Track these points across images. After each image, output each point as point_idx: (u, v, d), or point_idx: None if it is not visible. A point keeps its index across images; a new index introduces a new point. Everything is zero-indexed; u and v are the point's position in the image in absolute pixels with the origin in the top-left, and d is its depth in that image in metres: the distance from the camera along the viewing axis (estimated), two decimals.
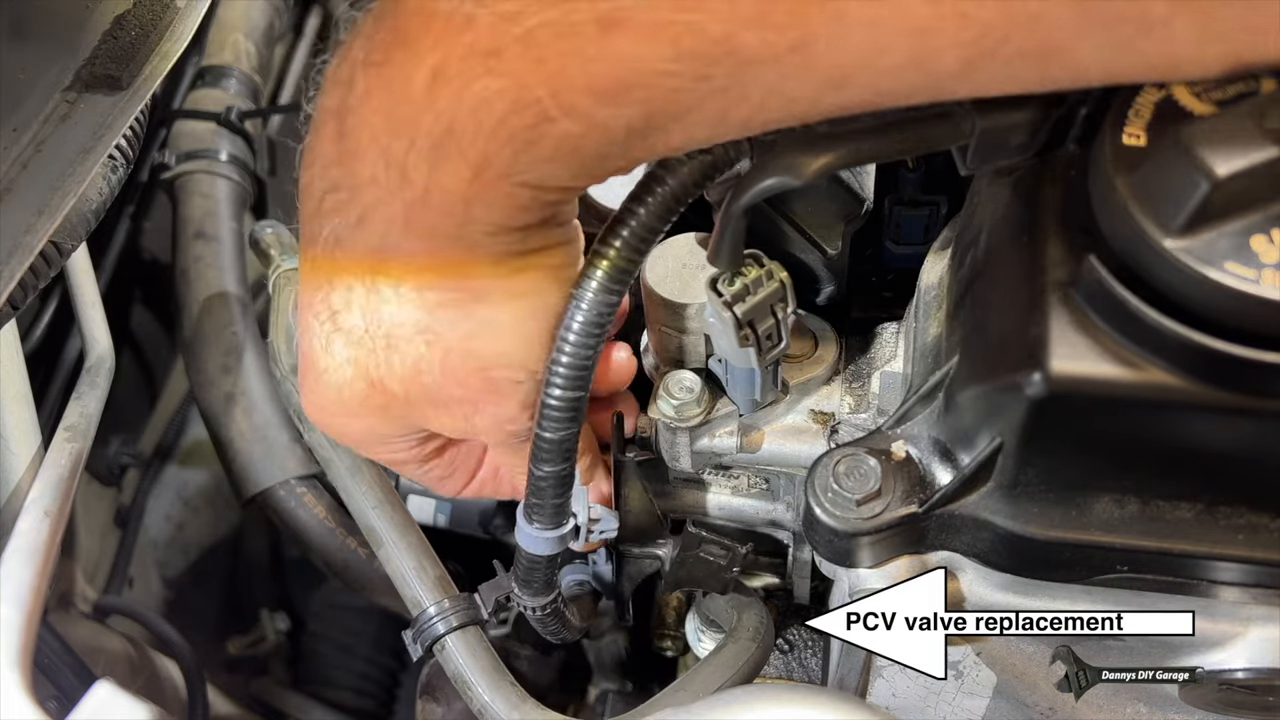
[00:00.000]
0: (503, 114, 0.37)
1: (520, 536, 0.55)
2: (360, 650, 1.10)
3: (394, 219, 0.42)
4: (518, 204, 0.41)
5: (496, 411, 0.49)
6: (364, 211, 0.42)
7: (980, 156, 0.43)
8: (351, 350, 0.47)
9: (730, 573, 0.61)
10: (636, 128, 0.38)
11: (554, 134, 0.38)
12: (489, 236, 0.42)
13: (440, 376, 0.47)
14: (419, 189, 0.40)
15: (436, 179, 0.40)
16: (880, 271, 0.68)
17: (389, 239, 0.43)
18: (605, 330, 0.45)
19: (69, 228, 0.63)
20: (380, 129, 0.40)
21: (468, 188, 0.40)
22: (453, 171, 0.39)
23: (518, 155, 0.39)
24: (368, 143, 0.41)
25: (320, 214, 0.44)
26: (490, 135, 0.38)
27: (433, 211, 0.41)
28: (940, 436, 0.50)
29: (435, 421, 0.50)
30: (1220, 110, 0.39)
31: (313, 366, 0.49)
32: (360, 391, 0.48)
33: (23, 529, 0.60)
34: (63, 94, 0.62)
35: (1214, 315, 0.38)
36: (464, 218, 0.41)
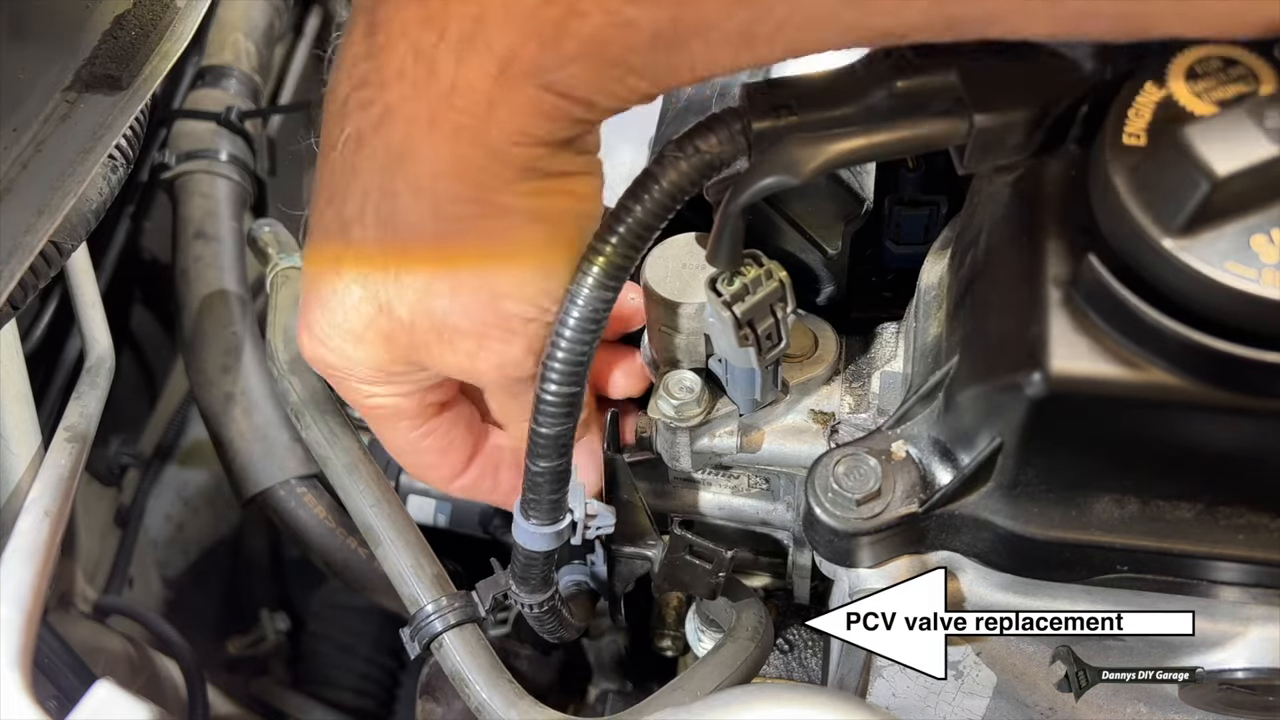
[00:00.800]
0: (533, 6, 0.37)
1: (517, 532, 0.55)
2: (360, 650, 1.10)
3: (418, 116, 0.41)
4: (540, 108, 0.40)
5: (502, 350, 0.47)
6: (388, 108, 0.41)
7: (978, 155, 0.43)
8: (362, 266, 0.46)
9: (717, 578, 0.61)
10: (663, 33, 0.38)
11: (581, 30, 0.37)
12: (511, 144, 0.41)
13: (450, 304, 0.45)
14: (445, 83, 0.40)
15: (463, 73, 0.39)
16: (880, 271, 0.68)
17: (412, 138, 0.42)
18: (601, 326, 0.45)
19: (69, 228, 0.63)
20: (411, 20, 0.40)
21: (493, 84, 0.39)
22: (479, 66, 0.39)
23: (544, 51, 0.38)
24: (398, 35, 0.40)
25: (344, 113, 0.43)
26: (519, 27, 0.38)
27: (457, 110, 0.40)
28: (940, 436, 0.50)
29: (439, 357, 0.48)
30: (1220, 110, 0.39)
31: (318, 294, 0.48)
32: (367, 315, 0.47)
33: (23, 529, 0.60)
34: (63, 94, 0.62)
35: (1214, 315, 0.38)
36: (487, 118, 0.40)
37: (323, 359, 0.50)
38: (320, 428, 0.66)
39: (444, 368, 0.50)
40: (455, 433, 0.57)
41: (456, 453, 0.58)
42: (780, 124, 0.42)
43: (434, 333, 0.47)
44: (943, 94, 0.42)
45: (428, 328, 0.47)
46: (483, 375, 0.49)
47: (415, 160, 0.42)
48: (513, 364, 0.48)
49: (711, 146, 0.42)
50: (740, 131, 0.43)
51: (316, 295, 0.48)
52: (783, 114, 0.43)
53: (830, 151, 0.41)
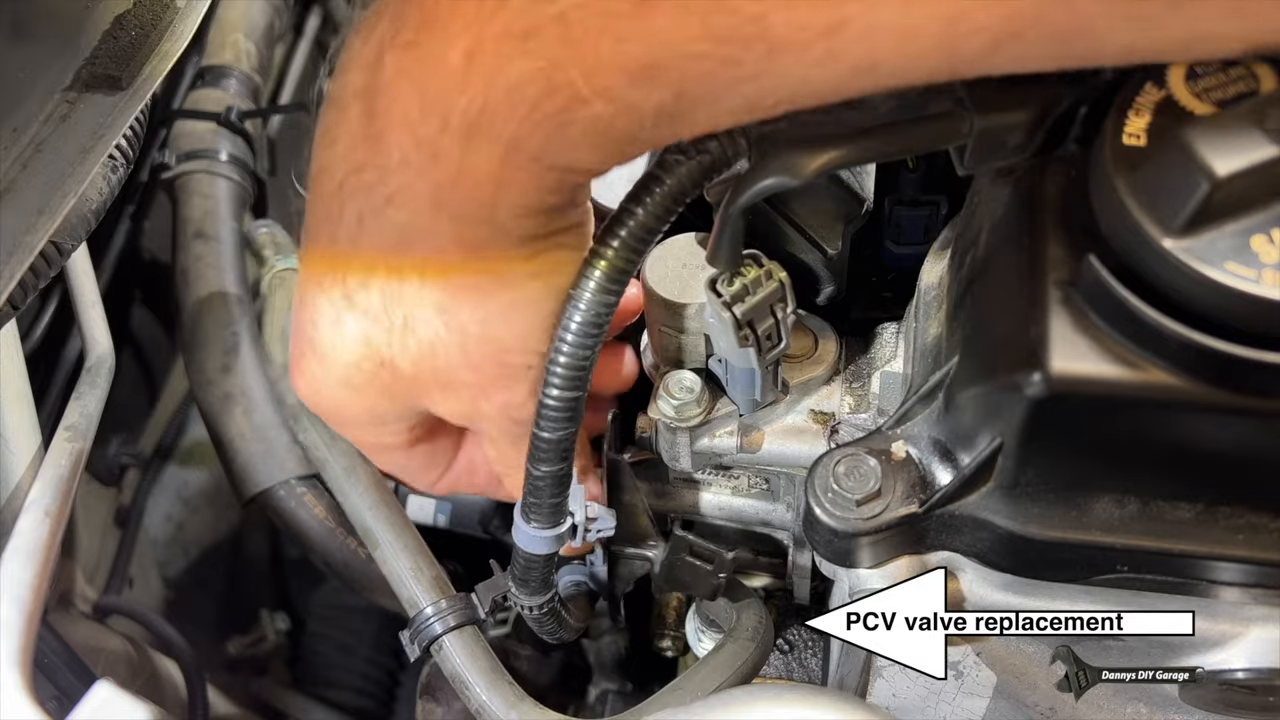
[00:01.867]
0: (536, 97, 0.37)
1: (517, 535, 0.55)
2: (360, 650, 1.10)
3: (423, 200, 0.41)
4: (545, 186, 0.41)
5: (505, 398, 0.48)
6: (392, 193, 0.42)
7: (978, 156, 0.43)
8: (364, 329, 0.46)
9: (717, 578, 0.61)
10: (666, 110, 0.38)
11: (586, 116, 0.38)
12: (515, 219, 0.42)
13: (455, 359, 0.46)
14: (450, 170, 0.40)
15: (468, 160, 0.40)
16: (880, 271, 0.68)
17: (417, 220, 0.42)
18: (603, 330, 0.45)
19: (69, 228, 0.63)
20: (412, 109, 0.40)
21: (499, 169, 0.40)
22: (485, 153, 0.39)
23: (550, 138, 0.39)
24: (398, 122, 0.40)
25: (342, 194, 0.44)
26: (524, 118, 0.38)
27: (462, 193, 0.41)
28: (940, 436, 0.50)
29: (440, 405, 0.50)
30: (1220, 110, 0.39)
31: (314, 346, 0.48)
32: (368, 371, 0.48)
33: (23, 529, 0.60)
34: (63, 94, 0.62)
35: (1214, 315, 0.38)
36: (493, 200, 0.41)
37: (317, 405, 0.51)
38: (318, 430, 0.66)
39: (444, 413, 0.51)
40: (437, 449, 0.58)
41: (437, 466, 0.59)
42: (781, 125, 0.42)
43: (437, 384, 0.48)
44: (943, 95, 0.42)
45: (430, 380, 0.48)
46: (485, 418, 0.50)
47: (420, 241, 0.43)
48: (515, 406, 0.49)
49: (712, 149, 0.42)
50: (741, 133, 0.43)
51: (311, 345, 0.49)
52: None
53: (831, 153, 0.41)
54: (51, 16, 0.64)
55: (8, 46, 0.61)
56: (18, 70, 0.61)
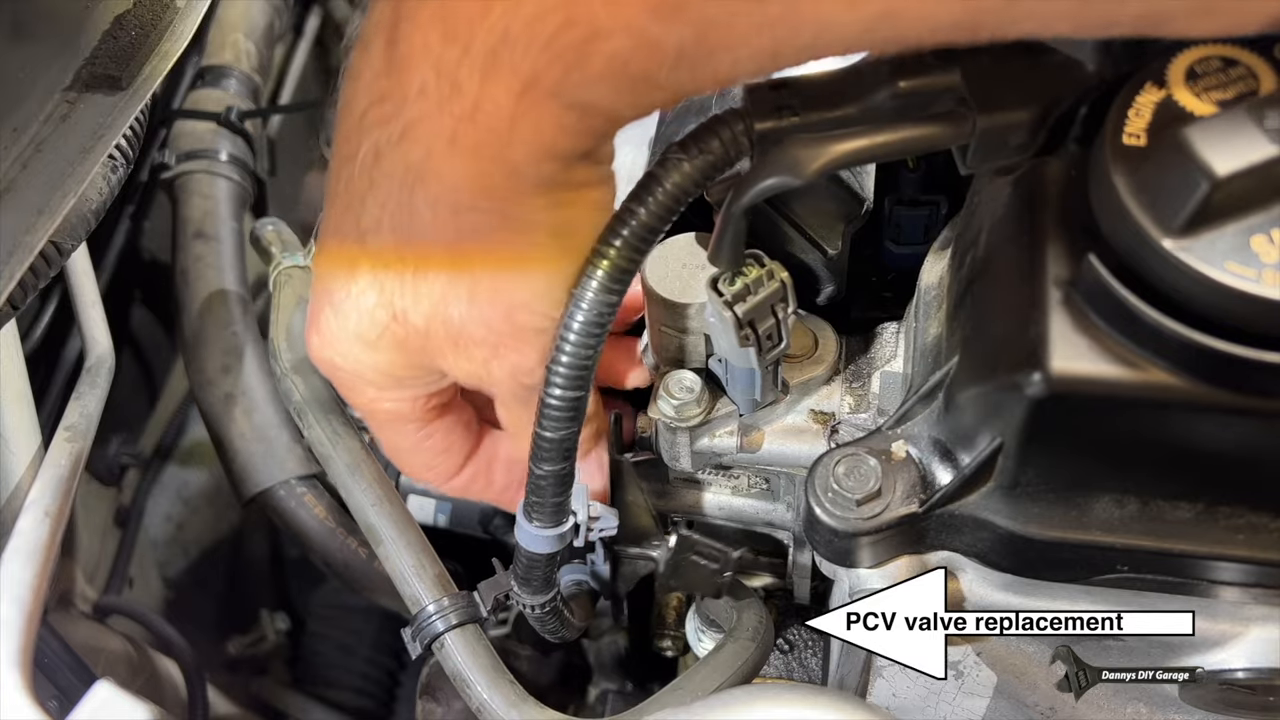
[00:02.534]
0: (557, 28, 0.37)
1: (519, 535, 0.55)
2: (360, 650, 1.10)
3: (440, 133, 0.41)
4: (563, 126, 0.40)
5: (516, 360, 0.48)
6: (409, 124, 0.41)
7: (980, 156, 0.43)
8: (378, 276, 0.46)
9: (722, 577, 0.61)
10: (687, 51, 0.38)
11: (605, 50, 0.37)
12: (532, 161, 0.41)
13: (466, 313, 0.46)
14: (469, 101, 0.40)
15: (487, 90, 0.39)
16: (880, 271, 0.68)
17: (433, 154, 0.42)
18: (606, 330, 0.45)
19: (69, 228, 0.63)
20: (434, 37, 0.40)
21: (516, 103, 0.39)
22: (503, 84, 0.39)
23: (568, 72, 0.38)
24: (419, 51, 0.40)
25: (361, 128, 0.43)
26: (543, 49, 0.38)
27: (479, 127, 0.40)
28: (940, 436, 0.50)
29: (451, 364, 0.49)
30: (1220, 110, 0.39)
31: (330, 297, 0.48)
32: (380, 321, 0.47)
33: (23, 529, 0.60)
34: (63, 94, 0.62)
35: (1214, 315, 0.38)
36: (509, 135, 0.40)
37: (330, 361, 0.50)
38: (323, 427, 0.66)
39: (456, 374, 0.50)
40: (454, 434, 0.57)
41: (454, 454, 0.58)
42: (783, 125, 0.42)
43: (449, 340, 0.47)
44: (945, 94, 0.42)
45: (442, 335, 0.47)
46: (496, 382, 0.50)
47: (435, 176, 0.42)
48: (526, 371, 0.48)
49: (714, 148, 0.42)
50: (743, 132, 0.43)
51: (328, 298, 0.48)
52: (785, 115, 0.43)
53: (833, 152, 0.41)
54: (51, 16, 0.64)
55: (8, 46, 0.61)
56: (18, 70, 0.61)
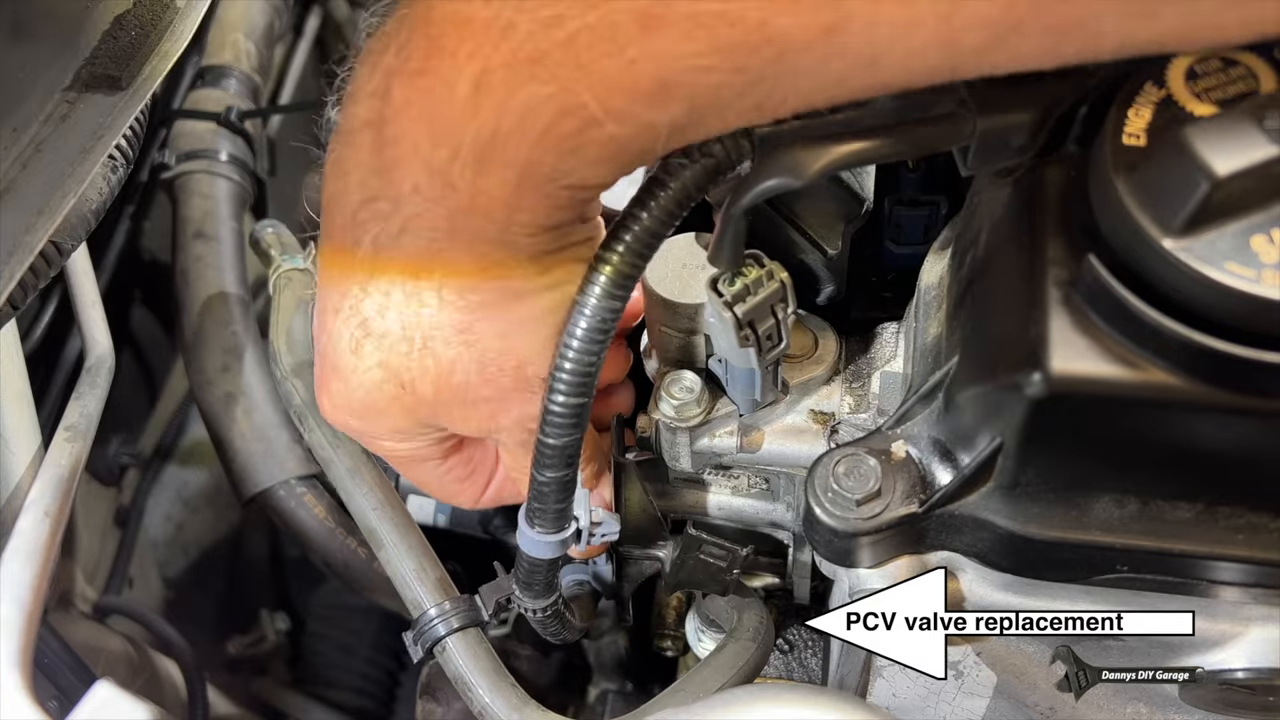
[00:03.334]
0: (549, 121, 0.38)
1: (522, 540, 0.55)
2: (360, 650, 1.10)
3: (438, 227, 0.42)
4: (557, 204, 0.42)
5: (522, 410, 0.49)
6: (407, 221, 0.42)
7: (981, 157, 0.43)
8: (383, 354, 0.47)
9: (730, 574, 0.61)
10: (679, 124, 0.38)
11: (600, 138, 0.38)
12: (529, 237, 0.43)
13: (474, 376, 0.47)
14: (464, 197, 0.40)
15: (481, 186, 0.40)
16: (880, 271, 0.68)
17: (434, 247, 0.43)
18: (609, 336, 0.45)
19: (69, 228, 0.63)
20: (422, 139, 0.40)
21: (512, 193, 0.40)
22: (498, 178, 0.40)
23: (563, 159, 0.39)
24: (409, 153, 0.41)
25: (356, 224, 0.44)
26: (536, 141, 0.38)
27: (477, 217, 0.41)
28: (940, 436, 0.50)
29: (460, 422, 0.51)
30: (1220, 110, 0.39)
31: (337, 370, 0.49)
32: (389, 393, 0.48)
33: (23, 529, 0.60)
34: (63, 94, 0.62)
35: (1214, 315, 0.38)
36: (507, 221, 0.41)
37: (344, 424, 0.52)
38: (323, 430, 0.66)
39: (463, 429, 0.52)
40: (474, 461, 0.59)
41: (478, 478, 0.60)
42: (783, 127, 0.42)
43: (456, 402, 0.49)
44: (946, 96, 0.42)
45: (450, 398, 0.49)
46: (502, 431, 0.51)
47: (440, 266, 0.44)
48: (531, 418, 0.49)
49: (716, 152, 0.42)
50: (744, 135, 0.43)
51: (335, 369, 0.49)
52: None
53: (834, 154, 0.41)
54: (51, 16, 0.64)
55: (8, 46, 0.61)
56: (18, 70, 0.61)
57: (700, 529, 0.61)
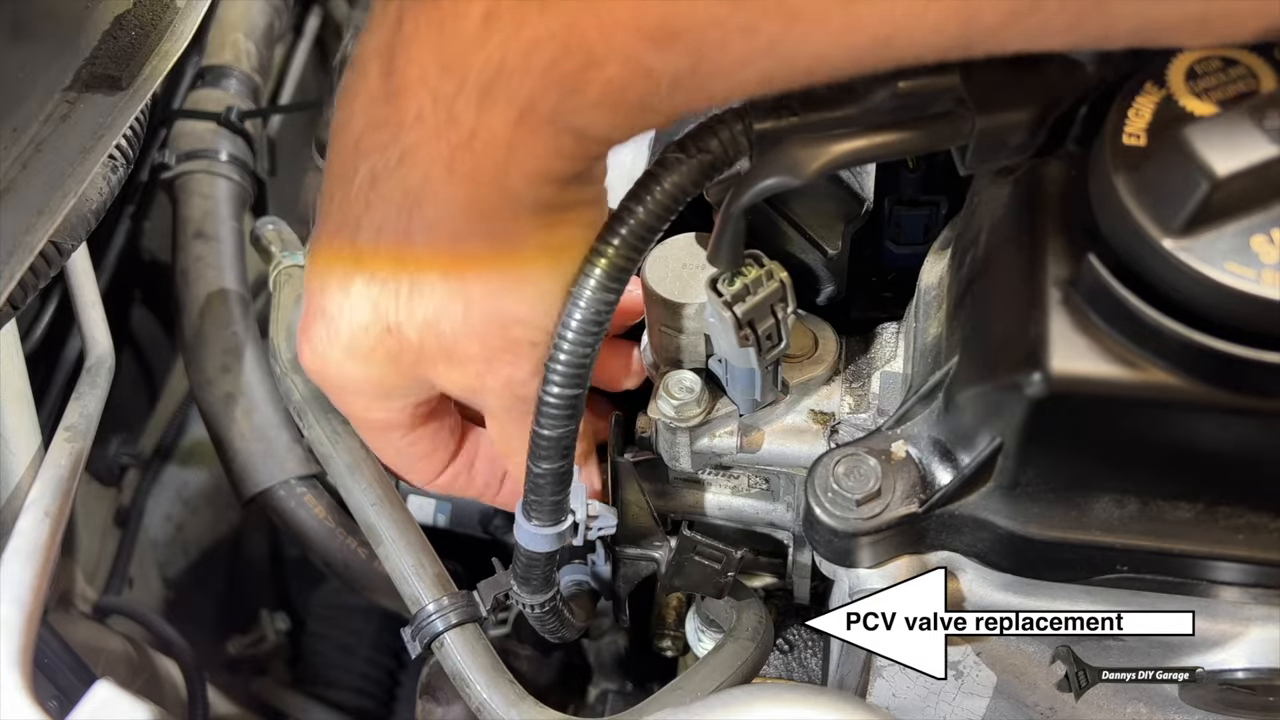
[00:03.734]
0: (553, 56, 0.37)
1: (519, 534, 0.55)
2: (360, 650, 1.10)
3: (437, 159, 0.41)
4: (559, 151, 0.41)
5: (509, 372, 0.48)
6: (406, 151, 0.42)
7: (980, 156, 0.43)
8: (372, 293, 0.46)
9: (725, 577, 0.61)
10: (682, 78, 0.38)
11: (601, 79, 0.38)
12: (527, 184, 0.42)
13: (460, 327, 0.46)
14: (465, 130, 0.40)
15: (483, 120, 0.40)
16: (880, 271, 0.68)
17: (430, 180, 0.42)
18: (603, 328, 0.45)
19: (69, 228, 0.63)
20: (430, 67, 0.40)
21: (513, 131, 0.40)
22: (500, 113, 0.39)
23: (564, 99, 0.39)
24: (416, 81, 0.40)
25: (357, 151, 0.44)
26: (539, 78, 0.38)
27: (475, 154, 0.41)
28: (940, 436, 0.50)
29: (445, 376, 0.49)
30: (1220, 110, 0.39)
31: (323, 311, 0.48)
32: (374, 335, 0.47)
33: (23, 529, 0.60)
34: (63, 94, 0.62)
35: (1214, 315, 0.38)
36: (506, 162, 0.41)
37: (322, 372, 0.51)
38: (322, 426, 0.66)
39: (449, 386, 0.50)
40: (439, 439, 0.58)
41: (437, 458, 0.59)
42: (782, 124, 0.42)
43: (442, 354, 0.48)
44: (944, 95, 0.42)
45: (436, 349, 0.47)
46: (489, 393, 0.50)
47: (432, 201, 0.43)
48: (519, 383, 0.48)
49: (713, 148, 0.42)
50: (742, 132, 0.43)
51: (321, 311, 0.48)
52: (784, 115, 0.43)
53: (832, 152, 0.41)
54: (51, 16, 0.64)
55: (8, 46, 0.61)
56: (18, 70, 0.61)
57: (697, 530, 0.61)
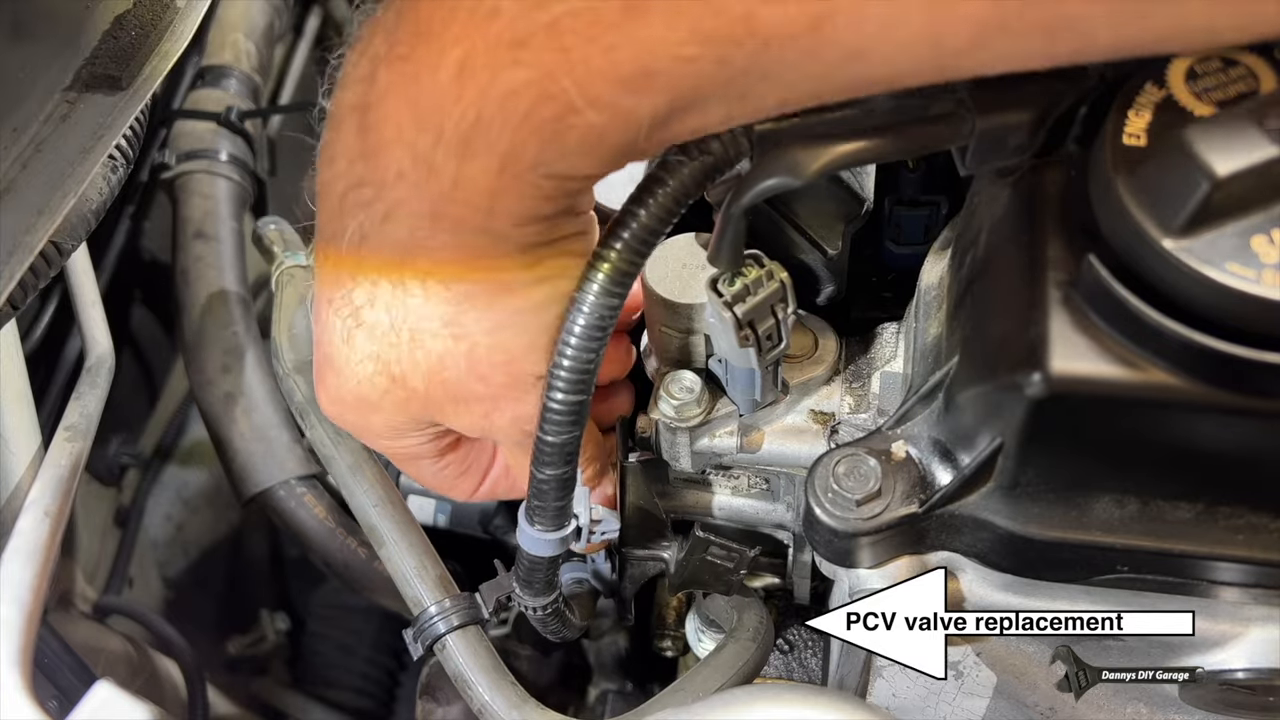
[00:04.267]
0: (529, 106, 0.37)
1: (522, 538, 0.55)
2: (360, 650, 1.10)
3: (421, 213, 0.42)
4: (542, 194, 0.41)
5: (516, 409, 0.49)
6: (390, 207, 0.42)
7: (979, 157, 0.43)
8: (374, 345, 0.47)
9: (737, 575, 0.61)
10: (660, 115, 0.38)
11: (579, 125, 0.38)
12: (515, 228, 0.42)
13: (464, 372, 0.47)
14: (446, 183, 0.40)
15: (464, 172, 0.40)
16: (880, 271, 0.68)
17: (416, 234, 0.42)
18: (607, 333, 0.45)
19: (69, 228, 0.63)
20: (406, 123, 0.40)
21: (495, 180, 0.40)
22: (481, 164, 0.39)
23: (544, 147, 0.39)
24: (393, 137, 0.40)
25: (343, 211, 0.44)
26: (517, 128, 0.38)
27: (460, 205, 0.41)
28: (940, 437, 0.50)
29: (454, 419, 0.50)
30: (1220, 110, 0.39)
31: (331, 362, 0.49)
32: (381, 386, 0.48)
33: (23, 529, 0.60)
34: (63, 94, 0.62)
35: (1214, 315, 0.38)
36: (490, 210, 0.41)
37: (340, 417, 0.52)
38: (325, 427, 0.66)
39: (459, 427, 0.51)
40: (470, 458, 0.58)
41: (473, 474, 0.59)
42: (782, 125, 0.42)
43: (449, 399, 0.48)
44: (944, 95, 0.42)
45: (442, 395, 0.48)
46: (498, 431, 0.51)
47: (422, 253, 0.43)
48: (527, 419, 0.49)
49: (714, 149, 0.42)
50: (742, 133, 0.43)
51: (329, 361, 0.49)
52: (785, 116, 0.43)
53: (833, 153, 0.41)
54: (51, 16, 0.64)
55: (8, 46, 0.61)
56: (18, 70, 0.61)
57: (707, 530, 0.61)
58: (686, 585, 0.63)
